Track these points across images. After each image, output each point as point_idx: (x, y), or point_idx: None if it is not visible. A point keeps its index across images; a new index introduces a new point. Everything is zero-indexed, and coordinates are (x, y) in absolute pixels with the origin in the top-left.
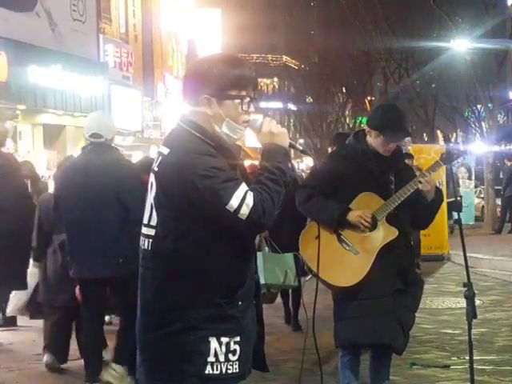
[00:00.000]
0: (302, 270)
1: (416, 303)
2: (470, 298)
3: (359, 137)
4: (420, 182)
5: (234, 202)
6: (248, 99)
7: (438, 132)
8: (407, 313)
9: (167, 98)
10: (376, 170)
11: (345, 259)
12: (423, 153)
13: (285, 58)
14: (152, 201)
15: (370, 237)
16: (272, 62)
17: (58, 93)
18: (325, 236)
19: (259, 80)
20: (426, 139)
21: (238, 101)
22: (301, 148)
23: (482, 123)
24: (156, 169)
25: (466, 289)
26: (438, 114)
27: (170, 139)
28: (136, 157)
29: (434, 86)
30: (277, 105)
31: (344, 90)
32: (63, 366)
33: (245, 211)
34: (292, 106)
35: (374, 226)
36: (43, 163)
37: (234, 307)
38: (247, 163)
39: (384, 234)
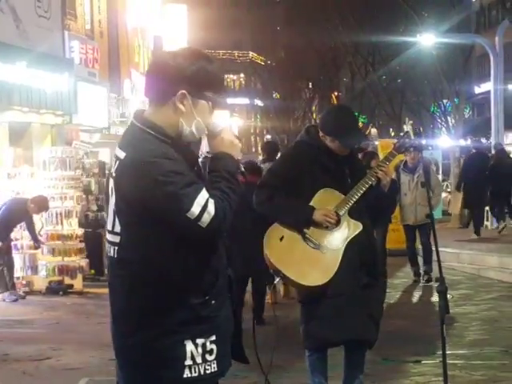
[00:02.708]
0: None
1: (383, 295)
2: (442, 292)
3: (311, 133)
4: (377, 172)
5: (195, 210)
6: (218, 102)
7: (405, 127)
8: (377, 305)
9: (134, 95)
10: (331, 165)
11: (313, 258)
12: (390, 147)
13: (251, 54)
14: (113, 207)
15: (335, 233)
16: (238, 58)
17: (23, 90)
18: (290, 236)
19: (226, 76)
20: (392, 134)
21: (211, 103)
22: (242, 170)
23: (448, 118)
24: (114, 174)
25: (438, 283)
26: (405, 109)
27: (125, 141)
28: (103, 154)
29: (400, 80)
30: (243, 101)
31: (310, 86)
32: (31, 367)
33: (206, 219)
34: (259, 102)
35: (338, 221)
36: (9, 161)
37: (207, 307)
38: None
39: (349, 229)
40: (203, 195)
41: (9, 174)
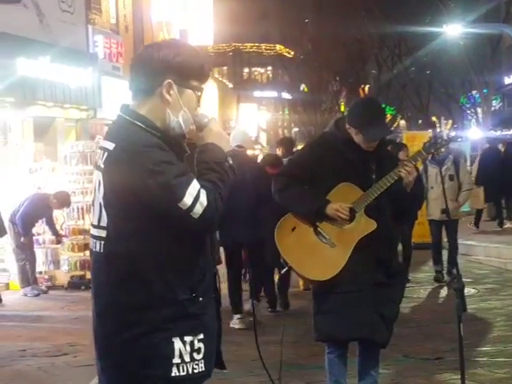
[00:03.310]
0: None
1: (399, 294)
2: (459, 290)
3: (340, 125)
4: (400, 171)
5: (187, 200)
6: (200, 93)
7: (434, 118)
8: (390, 305)
9: None
10: (356, 159)
11: (321, 252)
12: (416, 140)
13: (278, 46)
14: (101, 200)
15: (348, 229)
16: (265, 51)
17: (47, 85)
18: (301, 228)
19: (253, 69)
20: (421, 125)
21: (197, 92)
22: (231, 163)
23: (478, 109)
24: (102, 166)
25: (455, 280)
26: (433, 100)
27: (114, 133)
28: None
29: (427, 72)
30: (271, 94)
31: (338, 79)
32: (47, 363)
33: (198, 210)
34: (286, 95)
35: (352, 217)
36: (30, 155)
37: (194, 304)
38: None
39: (362, 227)
40: (195, 186)
41: (30, 168)
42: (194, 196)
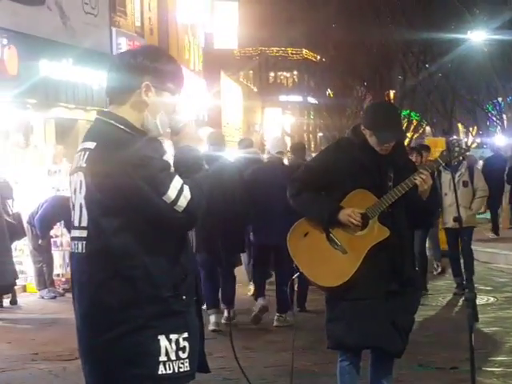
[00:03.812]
0: None
1: (413, 304)
2: (470, 300)
3: (357, 130)
4: (416, 179)
5: (171, 193)
6: (179, 97)
7: (459, 125)
8: (404, 315)
9: (183, 92)
10: (372, 166)
11: (332, 258)
12: (438, 146)
13: (304, 51)
14: (82, 200)
15: (360, 236)
16: (291, 56)
17: (69, 86)
18: (314, 233)
19: (279, 73)
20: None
21: (174, 95)
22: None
23: (504, 116)
24: (84, 165)
25: (466, 290)
26: (459, 107)
27: (93, 133)
28: None
29: (453, 78)
30: (296, 98)
31: (365, 84)
32: (58, 367)
33: (183, 203)
34: (312, 100)
35: (365, 224)
36: (49, 158)
37: (178, 301)
38: (266, 157)
39: (375, 234)
40: (178, 180)
41: (49, 170)
42: (178, 189)
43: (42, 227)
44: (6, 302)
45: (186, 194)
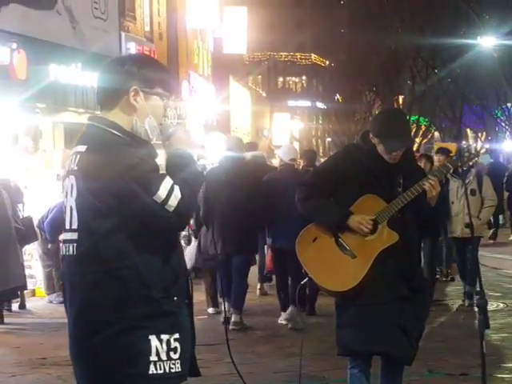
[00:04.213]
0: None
1: (424, 310)
2: (482, 306)
3: (366, 136)
4: (424, 184)
5: (161, 193)
6: (168, 102)
7: (468, 130)
8: (414, 321)
9: (192, 96)
10: (380, 172)
11: (341, 263)
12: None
13: (313, 56)
14: (72, 203)
15: (370, 241)
16: (300, 61)
17: (78, 91)
18: (323, 238)
19: (288, 78)
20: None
21: (163, 99)
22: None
23: None
24: (75, 168)
25: (477, 297)
26: (467, 112)
27: (84, 137)
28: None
29: (462, 83)
30: (305, 103)
31: (374, 89)
32: (67, 372)
33: (173, 202)
34: (321, 105)
35: (374, 229)
36: (58, 162)
37: (169, 302)
38: (275, 162)
39: (384, 238)
40: (168, 180)
41: (58, 175)
42: (169, 189)
43: (52, 231)
44: (15, 306)
45: (177, 194)
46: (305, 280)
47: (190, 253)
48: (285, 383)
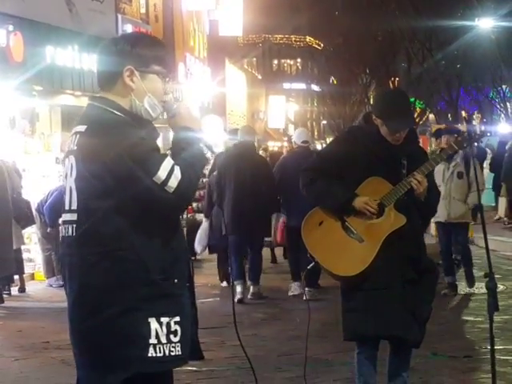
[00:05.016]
0: None
1: (430, 293)
2: (491, 289)
3: (368, 118)
4: (411, 181)
5: (161, 174)
6: (168, 79)
7: (464, 112)
8: (422, 304)
9: (188, 79)
10: (385, 154)
11: (349, 247)
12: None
13: (308, 38)
14: (72, 184)
15: (377, 224)
16: (295, 43)
17: (75, 73)
18: (328, 222)
19: (283, 61)
20: (450, 119)
21: (161, 76)
22: (210, 145)
23: (508, 104)
24: (75, 148)
25: (487, 279)
26: (463, 94)
27: (84, 117)
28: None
29: (458, 66)
30: (300, 86)
31: (369, 72)
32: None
33: (173, 183)
34: (315, 87)
35: (381, 212)
36: (57, 145)
37: (170, 284)
38: (270, 144)
39: (391, 221)
40: (169, 160)
41: (57, 158)
42: (169, 170)
43: (51, 215)
44: (15, 289)
45: (177, 175)
46: (311, 265)
47: (203, 231)
48: (290, 366)
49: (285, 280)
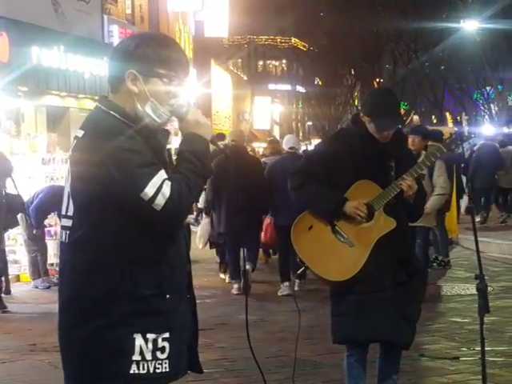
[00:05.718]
0: None
1: (420, 294)
2: (482, 290)
3: (356, 119)
4: (401, 184)
5: (149, 190)
6: (176, 81)
7: (447, 114)
8: (411, 305)
9: None
10: (374, 156)
11: (339, 252)
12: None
13: (293, 39)
14: (68, 189)
15: (367, 228)
16: (280, 44)
17: (61, 74)
18: (318, 227)
19: (268, 62)
20: (434, 121)
21: (166, 80)
22: (222, 146)
23: (492, 105)
24: (71, 153)
25: (477, 281)
26: (447, 96)
27: (86, 121)
28: None
29: (443, 67)
30: (285, 87)
31: (354, 73)
32: (58, 358)
33: (160, 201)
34: (300, 88)
35: (370, 216)
36: (43, 146)
37: (160, 301)
38: (256, 145)
39: (381, 225)
40: (160, 176)
41: (43, 159)
42: (157, 187)
43: (37, 217)
44: None
45: (165, 192)
46: (301, 269)
47: (203, 227)
48: (278, 368)
49: (275, 281)
